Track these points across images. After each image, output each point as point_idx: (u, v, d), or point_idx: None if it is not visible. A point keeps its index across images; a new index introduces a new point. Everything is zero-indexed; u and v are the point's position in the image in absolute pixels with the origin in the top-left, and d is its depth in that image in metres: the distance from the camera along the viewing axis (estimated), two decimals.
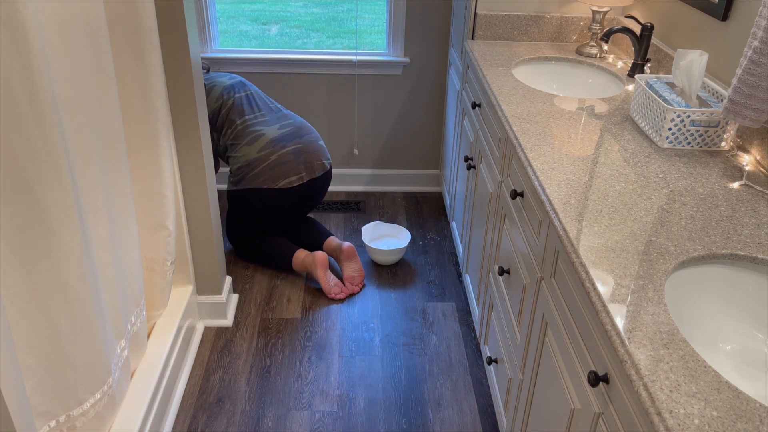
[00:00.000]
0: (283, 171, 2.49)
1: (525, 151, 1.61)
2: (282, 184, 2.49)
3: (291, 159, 2.50)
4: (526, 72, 2.36)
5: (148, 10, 1.70)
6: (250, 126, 2.54)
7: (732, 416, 0.87)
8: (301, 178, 2.52)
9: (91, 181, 1.50)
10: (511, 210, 1.75)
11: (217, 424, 2.03)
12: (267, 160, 2.47)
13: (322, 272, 2.56)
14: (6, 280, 1.31)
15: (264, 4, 4.73)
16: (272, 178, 2.47)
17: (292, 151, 2.50)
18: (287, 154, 2.49)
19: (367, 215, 3.19)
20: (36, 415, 1.44)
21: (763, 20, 1.36)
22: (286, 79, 3.11)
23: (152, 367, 1.93)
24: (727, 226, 1.30)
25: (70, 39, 1.39)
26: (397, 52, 3.07)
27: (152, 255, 1.98)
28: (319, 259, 2.55)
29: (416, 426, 2.04)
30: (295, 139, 2.54)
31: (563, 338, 1.31)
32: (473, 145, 2.32)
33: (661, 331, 1.01)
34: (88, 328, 1.48)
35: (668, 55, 2.07)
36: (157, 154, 1.87)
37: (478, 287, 2.23)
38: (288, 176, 2.50)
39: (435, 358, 2.31)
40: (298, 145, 2.53)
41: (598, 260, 1.18)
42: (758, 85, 1.38)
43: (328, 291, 2.57)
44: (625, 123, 1.80)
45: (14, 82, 1.20)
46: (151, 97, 1.80)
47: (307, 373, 2.24)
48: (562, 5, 2.52)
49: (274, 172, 2.47)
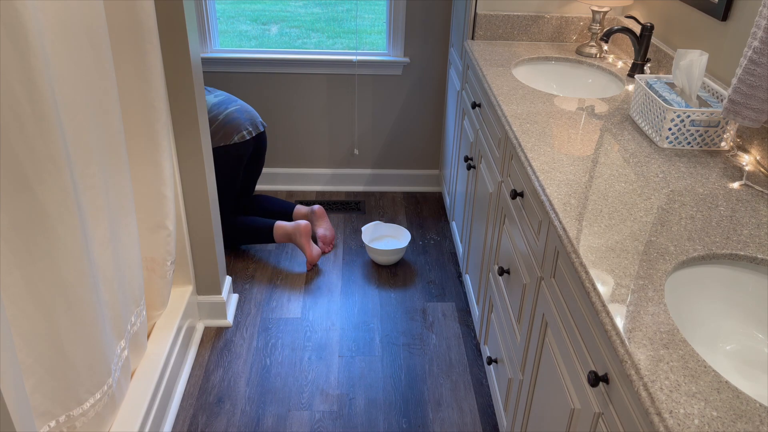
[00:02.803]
0: (234, 127, 2.65)
1: (525, 151, 1.61)
2: (236, 139, 2.64)
3: (236, 116, 2.67)
4: (526, 72, 2.36)
5: (148, 10, 1.70)
6: None
7: (732, 416, 0.87)
8: (249, 132, 2.69)
9: (91, 181, 1.50)
10: (511, 210, 1.75)
11: (217, 424, 2.03)
12: (216, 120, 2.62)
13: (306, 241, 2.74)
14: (6, 280, 1.31)
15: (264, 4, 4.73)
16: (226, 135, 2.63)
17: (235, 110, 2.68)
18: (232, 113, 2.66)
19: (367, 215, 3.19)
20: (36, 415, 1.44)
21: (763, 20, 1.36)
22: (286, 79, 3.11)
23: (152, 367, 1.93)
24: (727, 226, 1.30)
25: (70, 39, 1.39)
26: (397, 52, 3.07)
27: (152, 255, 1.98)
28: (304, 228, 2.74)
29: (416, 426, 2.04)
30: (231, 102, 2.72)
31: (563, 338, 1.31)
32: (473, 145, 2.32)
33: (661, 331, 1.01)
34: (88, 328, 1.48)
35: (668, 55, 2.07)
36: (157, 154, 1.87)
37: (478, 287, 2.23)
38: (239, 131, 2.66)
39: (435, 358, 2.31)
40: (237, 106, 2.71)
41: (598, 260, 1.18)
42: (758, 85, 1.38)
43: (312, 259, 2.75)
44: (625, 123, 1.80)
45: (14, 82, 1.20)
46: (151, 97, 1.80)
47: (307, 373, 2.23)
48: (562, 5, 2.52)
49: (226, 129, 2.63)
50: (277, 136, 3.27)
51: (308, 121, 3.23)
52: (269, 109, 3.19)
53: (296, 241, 2.75)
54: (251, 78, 3.10)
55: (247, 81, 3.11)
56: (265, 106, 3.18)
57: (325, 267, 2.79)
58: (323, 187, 3.40)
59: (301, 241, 2.74)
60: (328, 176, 3.38)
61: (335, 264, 2.81)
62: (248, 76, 3.10)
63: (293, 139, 3.28)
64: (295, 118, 3.22)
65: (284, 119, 3.22)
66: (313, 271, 2.77)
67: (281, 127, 3.24)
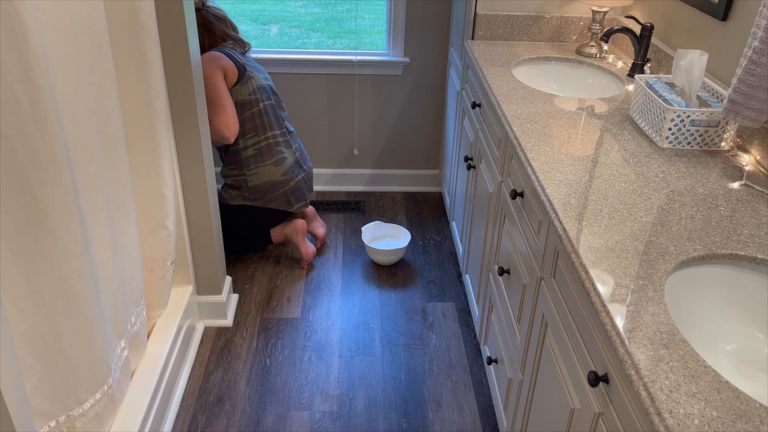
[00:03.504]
0: (298, 196, 2.75)
1: (525, 151, 1.61)
2: (295, 208, 2.75)
3: (302, 186, 2.75)
4: (526, 72, 2.36)
5: (148, 10, 1.70)
6: (274, 145, 2.66)
7: (732, 416, 0.87)
8: (306, 204, 2.82)
9: (91, 181, 1.50)
10: (511, 210, 1.75)
11: (217, 424, 2.03)
12: (288, 184, 2.69)
13: (302, 239, 2.77)
14: (6, 280, 1.31)
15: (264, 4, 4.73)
16: (289, 202, 2.72)
17: (303, 178, 2.76)
18: (300, 181, 2.74)
19: (367, 215, 3.19)
20: (36, 415, 1.44)
21: (763, 20, 1.36)
22: (286, 79, 3.11)
23: (152, 367, 1.93)
24: (727, 226, 1.30)
25: (70, 39, 1.39)
26: (397, 52, 3.07)
27: (152, 255, 1.98)
28: (300, 226, 2.77)
29: (416, 426, 2.04)
30: (303, 164, 2.78)
31: (563, 338, 1.31)
32: (473, 145, 2.32)
33: (661, 331, 1.01)
34: (88, 328, 1.48)
35: (668, 55, 2.07)
36: (157, 154, 1.87)
37: (478, 287, 2.23)
38: (299, 201, 2.76)
39: (435, 358, 2.31)
40: (305, 173, 2.78)
41: (598, 260, 1.18)
42: (758, 85, 1.38)
43: (308, 257, 2.77)
44: (625, 123, 1.80)
45: (14, 82, 1.20)
46: (151, 97, 1.80)
47: (307, 373, 2.24)
48: (562, 5, 2.52)
49: (292, 197, 2.72)
50: None
51: (308, 121, 3.23)
52: None
53: (292, 239, 2.77)
54: None
55: None
56: None
57: (325, 267, 2.79)
58: (323, 187, 3.40)
59: (296, 239, 2.76)
60: (328, 176, 3.38)
61: (335, 264, 2.81)
62: None
63: None
64: (295, 118, 3.22)
65: None
66: (313, 271, 2.77)
67: None
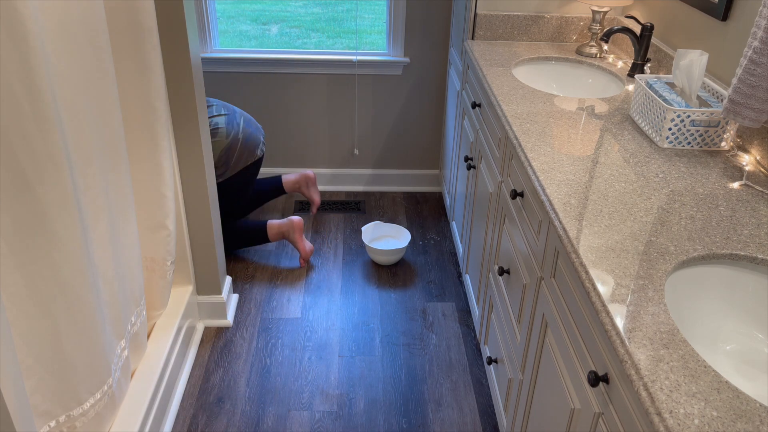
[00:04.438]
0: (253, 142, 2.66)
1: (525, 151, 1.61)
2: (258, 154, 2.67)
3: (249, 131, 2.67)
4: (526, 72, 2.36)
5: (148, 10, 1.70)
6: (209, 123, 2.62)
7: (732, 416, 0.87)
8: (263, 143, 2.74)
9: (91, 181, 1.50)
10: (511, 210, 1.75)
11: (217, 424, 2.03)
12: (238, 140, 2.61)
13: (299, 236, 2.74)
14: (6, 280, 1.31)
15: (264, 4, 4.73)
16: (250, 152, 2.64)
17: (244, 123, 2.67)
18: (245, 129, 2.65)
19: (367, 215, 3.19)
20: (36, 415, 1.44)
21: (763, 20, 1.36)
22: (286, 79, 3.11)
23: (152, 367, 1.93)
24: (727, 226, 1.30)
25: (70, 39, 1.39)
26: (397, 52, 3.07)
27: (152, 255, 1.98)
28: (297, 224, 2.74)
29: (416, 426, 2.04)
30: (235, 113, 2.69)
31: (563, 338, 1.31)
32: (473, 145, 2.32)
33: (661, 331, 1.01)
34: (88, 328, 1.48)
35: (668, 55, 2.07)
36: (157, 154, 1.87)
37: (478, 287, 2.23)
38: (257, 145, 2.68)
39: (435, 358, 2.31)
40: (242, 117, 2.70)
41: (598, 260, 1.18)
42: (758, 85, 1.38)
43: (306, 255, 2.75)
44: (625, 123, 1.80)
45: (14, 82, 1.20)
46: (151, 97, 1.80)
47: (307, 373, 2.24)
48: (562, 5, 2.52)
49: (248, 147, 2.63)
50: (277, 136, 3.27)
51: (308, 121, 3.23)
52: (269, 109, 3.19)
53: (289, 237, 2.75)
54: (251, 78, 3.10)
55: (247, 81, 3.11)
56: (265, 106, 3.18)
57: (325, 267, 2.79)
58: (323, 187, 3.40)
59: (294, 236, 2.74)
60: (328, 176, 3.38)
61: (335, 264, 2.81)
62: (248, 76, 3.10)
63: (293, 139, 3.28)
64: (295, 118, 3.22)
65: (284, 119, 3.22)
66: (313, 271, 2.77)
67: (281, 127, 3.24)
